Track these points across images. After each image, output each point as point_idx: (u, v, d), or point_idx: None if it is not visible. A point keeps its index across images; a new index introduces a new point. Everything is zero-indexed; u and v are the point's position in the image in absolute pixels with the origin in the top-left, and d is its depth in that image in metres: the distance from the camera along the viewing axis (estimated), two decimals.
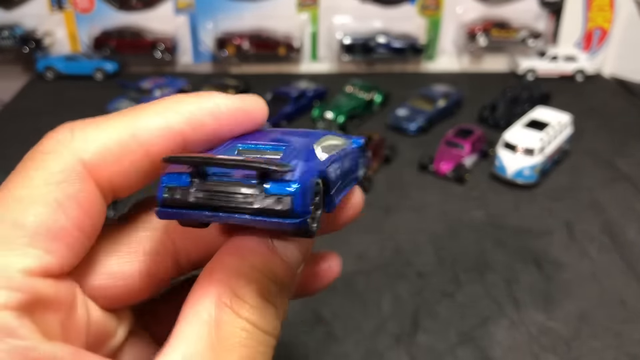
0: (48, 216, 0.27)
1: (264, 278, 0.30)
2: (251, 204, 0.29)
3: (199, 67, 1.88)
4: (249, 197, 0.29)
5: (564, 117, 1.35)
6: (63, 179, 0.28)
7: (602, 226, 1.14)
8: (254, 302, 0.29)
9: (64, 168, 0.29)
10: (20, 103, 1.70)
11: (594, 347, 0.86)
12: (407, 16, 1.83)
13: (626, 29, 1.86)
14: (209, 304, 0.29)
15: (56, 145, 0.30)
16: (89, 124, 0.31)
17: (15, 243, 0.26)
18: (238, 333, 0.28)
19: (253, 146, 0.32)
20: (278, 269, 0.31)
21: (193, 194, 0.29)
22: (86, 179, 0.29)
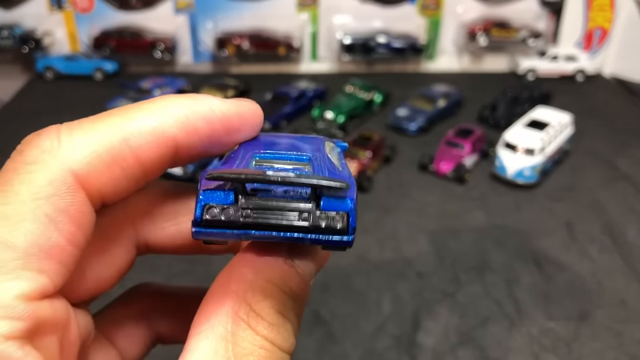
0: (40, 234, 0.26)
1: (281, 293, 0.29)
2: (306, 220, 0.27)
3: (199, 67, 1.88)
4: (304, 214, 0.27)
5: (565, 117, 1.35)
6: (53, 192, 0.26)
7: (602, 226, 1.14)
8: (271, 318, 0.28)
9: (52, 180, 0.26)
10: (19, 103, 1.69)
11: (594, 347, 0.86)
12: (407, 16, 1.83)
13: (626, 29, 1.86)
14: (225, 317, 0.28)
15: (42, 154, 0.27)
16: (76, 127, 0.28)
17: (7, 267, 0.25)
18: (256, 351, 0.27)
19: (272, 156, 0.31)
20: (294, 283, 0.30)
21: (241, 213, 0.27)
22: (77, 190, 0.27)
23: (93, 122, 0.29)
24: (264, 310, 0.28)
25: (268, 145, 0.32)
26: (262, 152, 0.31)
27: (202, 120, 0.30)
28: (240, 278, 0.29)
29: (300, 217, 0.28)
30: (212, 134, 0.31)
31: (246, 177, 0.26)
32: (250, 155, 0.31)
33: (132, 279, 0.43)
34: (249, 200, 0.28)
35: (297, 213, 0.28)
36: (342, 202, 0.28)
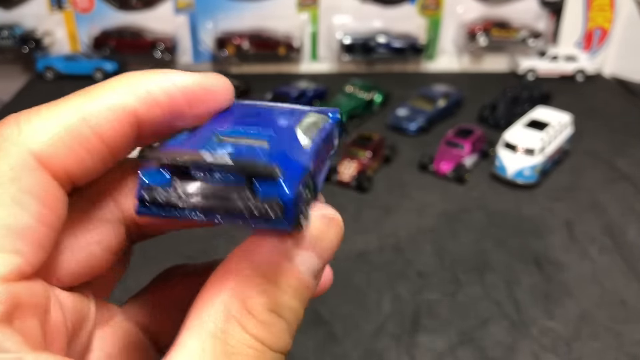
0: (7, 215, 0.25)
1: (278, 290, 0.28)
2: (241, 206, 0.27)
3: (199, 67, 1.88)
4: (239, 200, 0.27)
5: (564, 117, 1.35)
6: (15, 175, 0.26)
7: (602, 226, 1.14)
8: (264, 316, 0.28)
9: (13, 165, 0.26)
10: (20, 103, 1.69)
11: (594, 347, 0.86)
12: (407, 16, 1.83)
13: (626, 29, 1.86)
14: (216, 314, 0.27)
15: (2, 143, 0.27)
16: (35, 113, 0.28)
17: None
18: (244, 350, 0.27)
19: (233, 132, 0.30)
20: (294, 279, 0.29)
21: (178, 195, 0.27)
22: (40, 171, 0.27)
23: (53, 106, 0.29)
24: (256, 308, 0.28)
25: (239, 119, 0.31)
26: (225, 128, 0.30)
27: (163, 94, 0.30)
28: (237, 273, 0.28)
29: (235, 202, 0.27)
30: (174, 107, 0.30)
31: (171, 161, 0.26)
32: (210, 131, 0.30)
33: (133, 278, 0.43)
34: (188, 183, 0.27)
35: (232, 198, 0.27)
36: (276, 188, 0.26)
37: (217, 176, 0.27)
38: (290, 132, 0.31)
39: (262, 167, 0.26)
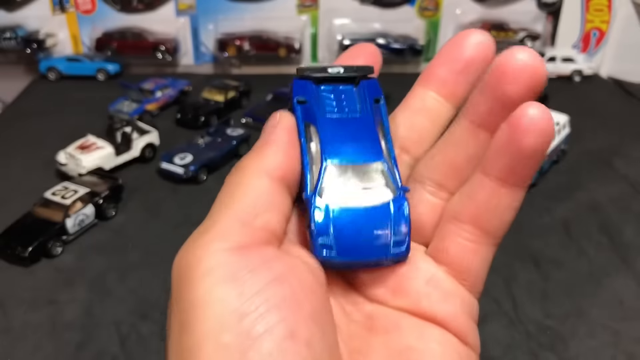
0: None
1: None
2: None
3: (200, 68, 1.89)
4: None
5: (562, 117, 1.36)
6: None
7: (599, 225, 1.15)
8: None
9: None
10: (22, 103, 1.71)
11: (591, 345, 0.87)
12: (407, 18, 1.85)
13: (624, 30, 1.87)
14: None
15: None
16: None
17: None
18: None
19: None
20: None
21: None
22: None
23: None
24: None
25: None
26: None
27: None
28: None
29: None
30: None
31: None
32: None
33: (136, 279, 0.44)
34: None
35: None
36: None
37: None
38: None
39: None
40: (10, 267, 1.03)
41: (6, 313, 0.92)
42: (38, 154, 1.38)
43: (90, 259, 1.05)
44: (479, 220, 0.32)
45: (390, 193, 0.32)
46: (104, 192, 1.16)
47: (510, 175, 0.31)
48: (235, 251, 0.28)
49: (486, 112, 0.32)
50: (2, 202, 1.21)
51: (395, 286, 0.33)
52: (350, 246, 0.32)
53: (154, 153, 1.39)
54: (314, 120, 0.33)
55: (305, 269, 0.30)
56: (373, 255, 0.32)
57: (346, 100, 0.35)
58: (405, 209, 0.32)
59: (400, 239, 0.32)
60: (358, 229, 0.32)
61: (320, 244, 0.31)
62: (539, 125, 0.29)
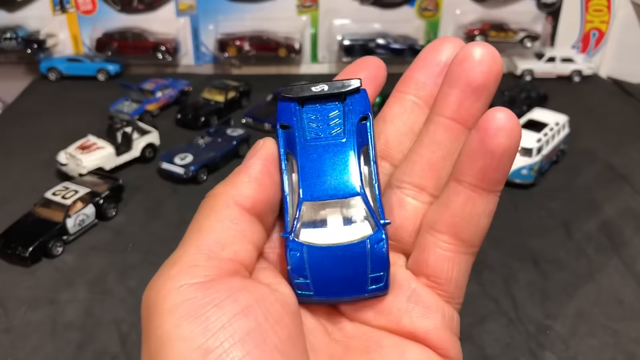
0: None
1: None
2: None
3: (200, 68, 1.89)
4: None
5: (562, 117, 1.37)
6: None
7: (599, 225, 1.15)
8: None
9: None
10: (23, 104, 1.71)
11: (591, 345, 0.87)
12: (406, 18, 1.85)
13: (623, 31, 1.87)
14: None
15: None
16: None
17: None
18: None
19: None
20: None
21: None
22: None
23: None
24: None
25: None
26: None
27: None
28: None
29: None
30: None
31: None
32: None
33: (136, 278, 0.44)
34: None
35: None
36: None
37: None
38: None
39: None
40: (11, 267, 1.03)
41: (7, 313, 0.92)
42: (38, 154, 1.38)
43: (91, 259, 1.05)
44: (455, 229, 0.33)
45: (369, 228, 0.32)
46: (105, 192, 1.16)
47: (483, 180, 0.32)
48: (200, 286, 0.28)
49: (455, 104, 0.33)
50: (2, 202, 1.21)
51: (377, 306, 0.33)
52: (327, 286, 0.32)
53: (154, 153, 1.39)
54: (294, 149, 0.33)
55: (273, 299, 0.30)
56: (350, 293, 0.32)
57: (330, 122, 0.34)
58: (383, 246, 0.32)
59: (378, 275, 0.32)
60: (335, 268, 0.31)
61: (297, 283, 0.31)
62: (507, 127, 0.30)
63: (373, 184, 0.33)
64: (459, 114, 0.33)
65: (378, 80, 0.37)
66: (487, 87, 0.33)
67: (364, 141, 0.33)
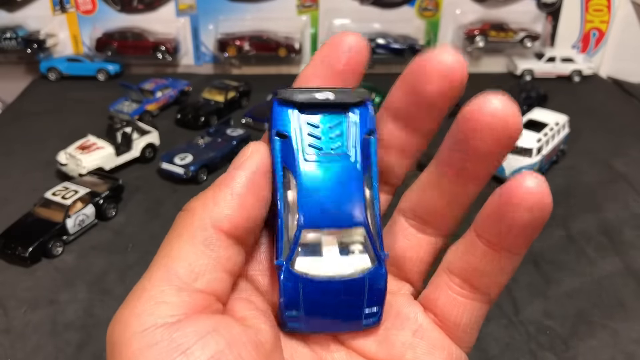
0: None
1: None
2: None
3: (200, 68, 1.89)
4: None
5: (562, 117, 1.37)
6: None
7: (599, 226, 1.15)
8: None
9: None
10: (23, 104, 1.71)
11: (591, 345, 0.87)
12: (407, 18, 1.85)
13: (623, 31, 1.87)
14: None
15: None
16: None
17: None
18: None
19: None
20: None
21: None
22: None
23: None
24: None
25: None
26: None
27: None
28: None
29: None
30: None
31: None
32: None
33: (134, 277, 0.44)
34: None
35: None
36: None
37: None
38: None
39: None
40: (11, 267, 1.03)
41: (7, 313, 0.92)
42: (38, 154, 1.38)
43: (90, 259, 1.05)
44: (470, 278, 0.31)
45: (368, 261, 0.30)
46: (104, 192, 1.16)
47: (501, 243, 0.29)
48: (168, 328, 0.26)
49: (459, 165, 0.30)
50: (2, 202, 1.21)
51: (380, 337, 0.31)
52: (320, 320, 0.30)
53: (154, 153, 1.39)
54: (293, 165, 0.30)
55: (246, 340, 0.27)
56: (343, 328, 0.31)
57: (333, 135, 0.30)
58: (381, 282, 0.30)
59: (373, 311, 0.30)
60: (330, 302, 0.30)
61: (288, 316, 0.30)
62: (533, 199, 0.27)
63: (374, 210, 0.30)
64: (462, 171, 0.30)
65: (360, 64, 0.31)
66: (495, 157, 0.29)
67: (367, 162, 0.31)
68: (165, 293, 0.27)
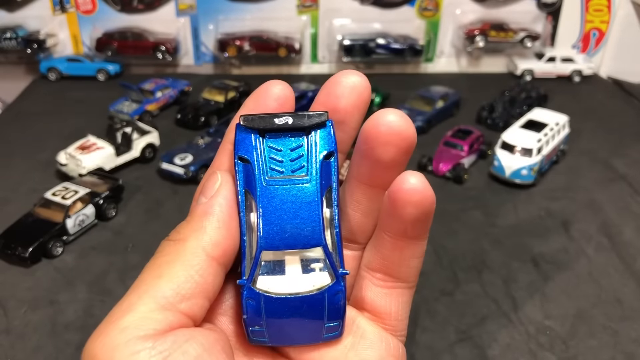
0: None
1: None
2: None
3: (200, 68, 1.89)
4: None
5: (561, 117, 1.37)
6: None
7: (599, 226, 1.15)
8: None
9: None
10: (23, 104, 1.71)
11: (591, 345, 0.88)
12: (407, 18, 1.85)
13: (623, 31, 1.87)
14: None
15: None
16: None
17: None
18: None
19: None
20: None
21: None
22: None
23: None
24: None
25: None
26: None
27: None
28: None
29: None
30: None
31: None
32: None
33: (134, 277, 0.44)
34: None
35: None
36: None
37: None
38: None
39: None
40: (11, 267, 1.03)
41: (7, 313, 0.92)
42: (38, 154, 1.39)
43: (90, 259, 1.06)
44: (388, 270, 0.34)
45: (328, 278, 0.32)
46: (104, 192, 1.16)
47: (403, 236, 0.33)
48: (149, 338, 0.28)
49: (367, 174, 0.33)
50: (2, 202, 1.21)
51: (322, 346, 0.33)
52: (282, 334, 0.32)
53: (154, 153, 1.39)
54: (254, 188, 0.31)
55: (221, 346, 0.30)
56: (305, 341, 0.32)
57: (293, 157, 0.32)
58: (340, 298, 0.32)
59: (334, 325, 0.32)
60: (291, 318, 0.31)
61: (252, 331, 0.31)
62: (415, 198, 0.31)
63: (334, 229, 0.32)
64: (372, 180, 0.33)
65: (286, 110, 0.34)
66: (396, 163, 0.32)
67: (328, 182, 0.32)
68: (150, 312, 0.28)
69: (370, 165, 0.32)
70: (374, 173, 0.33)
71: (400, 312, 0.35)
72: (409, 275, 0.35)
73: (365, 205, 0.34)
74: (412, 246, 0.34)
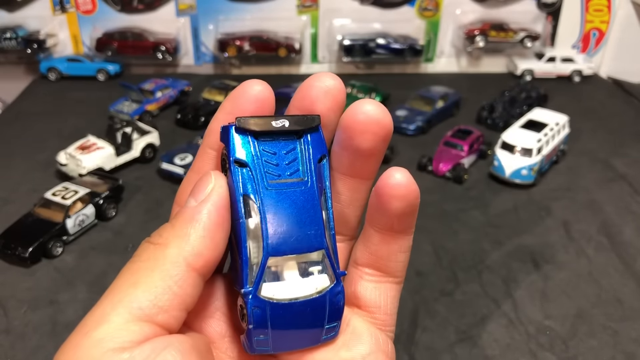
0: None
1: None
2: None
3: (200, 68, 1.89)
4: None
5: (561, 117, 1.37)
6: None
7: (599, 226, 1.15)
8: None
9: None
10: (23, 104, 1.71)
11: (591, 345, 0.87)
12: (407, 18, 1.85)
13: (623, 31, 1.87)
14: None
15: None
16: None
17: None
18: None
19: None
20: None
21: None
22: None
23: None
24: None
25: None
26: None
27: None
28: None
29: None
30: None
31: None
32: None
33: None
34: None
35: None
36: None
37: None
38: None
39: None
40: (11, 267, 1.03)
41: (7, 313, 0.92)
42: (38, 154, 1.39)
43: (90, 259, 1.06)
44: (376, 264, 0.36)
45: (327, 280, 0.32)
46: (104, 192, 1.16)
47: (390, 229, 0.34)
48: (126, 349, 0.27)
49: (347, 164, 0.34)
50: (2, 202, 1.21)
51: (313, 347, 0.34)
52: (285, 340, 0.32)
53: (154, 153, 1.39)
54: (255, 193, 0.31)
55: (197, 352, 0.29)
56: (305, 345, 0.33)
57: (288, 161, 0.32)
58: (341, 299, 0.32)
59: (333, 325, 0.32)
60: (295, 323, 0.31)
61: (256, 340, 0.31)
62: (400, 192, 0.32)
63: (330, 230, 0.32)
64: (353, 171, 0.34)
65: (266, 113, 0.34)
66: (375, 152, 0.33)
67: (322, 184, 0.33)
68: (126, 324, 0.28)
69: (349, 155, 0.33)
70: (353, 163, 0.34)
71: (389, 306, 0.36)
72: (397, 270, 0.36)
73: (347, 196, 0.35)
74: (400, 240, 0.35)
